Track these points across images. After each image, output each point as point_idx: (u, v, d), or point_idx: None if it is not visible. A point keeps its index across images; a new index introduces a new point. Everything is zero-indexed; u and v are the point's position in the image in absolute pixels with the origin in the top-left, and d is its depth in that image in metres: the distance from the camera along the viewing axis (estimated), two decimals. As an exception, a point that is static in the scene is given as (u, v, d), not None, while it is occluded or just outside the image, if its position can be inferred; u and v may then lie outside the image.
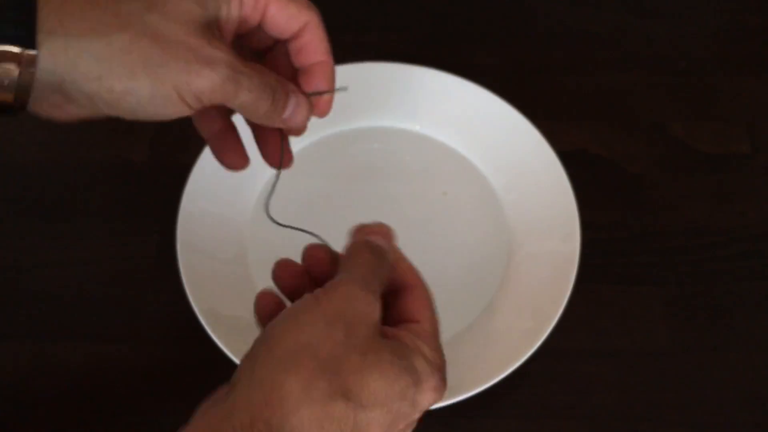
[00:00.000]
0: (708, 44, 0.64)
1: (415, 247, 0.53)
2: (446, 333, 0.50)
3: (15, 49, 0.30)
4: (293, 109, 0.36)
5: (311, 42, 0.37)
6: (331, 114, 0.57)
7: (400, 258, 0.37)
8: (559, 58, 0.63)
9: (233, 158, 0.39)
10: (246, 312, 0.50)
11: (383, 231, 0.36)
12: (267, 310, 0.36)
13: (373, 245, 0.35)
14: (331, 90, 0.38)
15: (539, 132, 0.55)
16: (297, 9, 0.36)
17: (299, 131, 0.38)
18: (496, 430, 0.48)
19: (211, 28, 0.33)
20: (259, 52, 0.39)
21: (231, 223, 0.54)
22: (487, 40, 0.64)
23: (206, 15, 0.33)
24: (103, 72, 0.31)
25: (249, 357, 0.31)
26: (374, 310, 0.31)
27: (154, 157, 0.58)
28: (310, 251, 0.37)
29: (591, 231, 0.52)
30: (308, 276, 0.37)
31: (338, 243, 0.53)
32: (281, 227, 0.40)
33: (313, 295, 0.31)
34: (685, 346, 0.50)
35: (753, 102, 0.61)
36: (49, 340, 0.50)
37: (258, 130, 0.39)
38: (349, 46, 0.63)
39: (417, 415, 0.32)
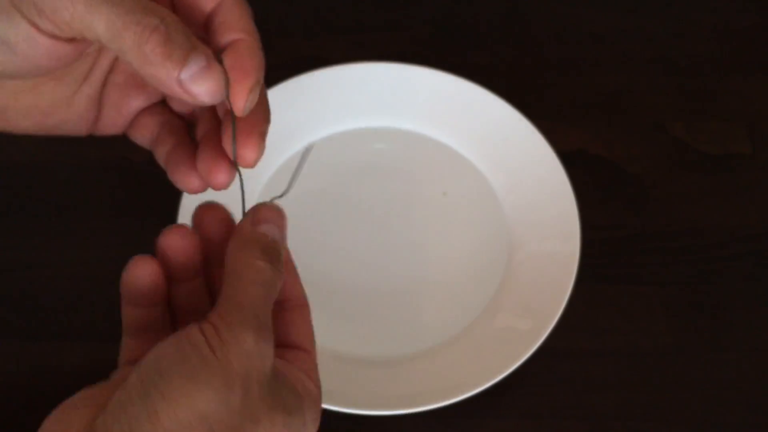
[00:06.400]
0: (708, 44, 0.64)
1: (416, 247, 0.53)
2: (446, 333, 0.50)
3: None
4: (197, 70, 0.26)
5: (229, 18, 0.29)
6: (332, 114, 0.58)
7: (291, 265, 0.32)
8: (559, 58, 0.63)
9: (191, 179, 0.32)
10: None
11: (277, 217, 0.30)
12: (139, 323, 0.30)
13: (266, 245, 0.29)
14: (250, 72, 0.28)
15: (539, 132, 0.55)
16: None
17: (249, 156, 0.30)
18: (496, 430, 0.48)
19: None
20: None
21: (231, 223, 0.54)
22: (487, 40, 0.64)
23: None
24: None
25: (125, 410, 0.25)
26: (269, 360, 0.27)
27: (154, 157, 0.57)
28: (204, 213, 0.32)
29: (591, 231, 0.52)
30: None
31: (336, 242, 0.54)
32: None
33: (205, 343, 0.26)
34: (685, 346, 0.50)
35: (753, 102, 0.61)
36: (49, 340, 0.50)
37: (200, 147, 0.32)
38: (349, 46, 0.63)
39: None
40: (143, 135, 0.33)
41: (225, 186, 0.31)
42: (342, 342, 0.50)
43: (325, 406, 0.45)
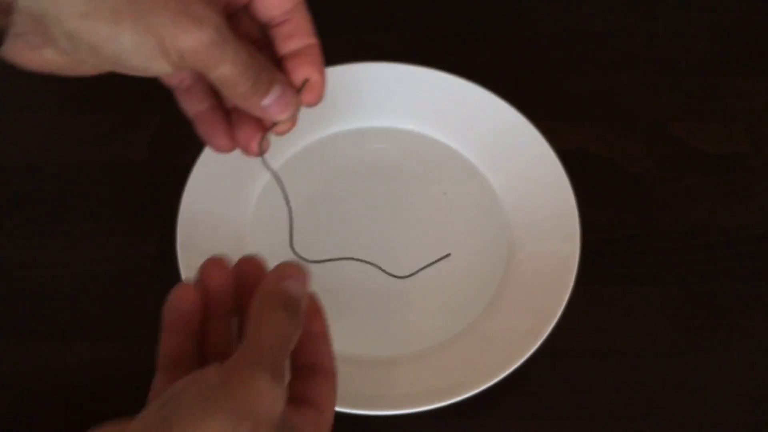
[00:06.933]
0: (708, 44, 0.64)
1: (416, 247, 0.53)
2: (446, 333, 0.50)
3: None
4: (275, 98, 0.34)
5: (300, 25, 0.36)
6: (332, 114, 0.58)
7: (327, 337, 0.35)
8: (559, 58, 0.63)
9: (221, 140, 0.37)
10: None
11: (300, 275, 0.33)
12: (174, 354, 0.33)
13: (287, 298, 0.32)
14: (323, 75, 0.36)
15: (539, 132, 0.55)
16: None
17: (282, 128, 0.36)
18: (497, 430, 0.48)
19: None
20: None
21: (231, 223, 0.54)
22: (487, 40, 0.64)
23: None
24: (88, 9, 0.29)
25: (143, 427, 0.28)
26: (280, 404, 0.29)
27: (154, 157, 0.58)
28: (243, 264, 0.35)
29: (591, 231, 0.52)
30: (235, 283, 0.35)
31: (337, 242, 0.54)
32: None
33: (221, 380, 0.28)
34: (685, 346, 0.50)
35: (753, 102, 0.61)
36: (50, 340, 0.50)
37: (236, 116, 0.37)
38: (349, 46, 0.63)
39: None
40: (171, 78, 0.37)
41: (257, 155, 0.37)
42: (342, 342, 0.50)
43: (325, 406, 0.45)
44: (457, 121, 0.58)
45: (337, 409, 0.45)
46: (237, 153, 0.55)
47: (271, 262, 0.53)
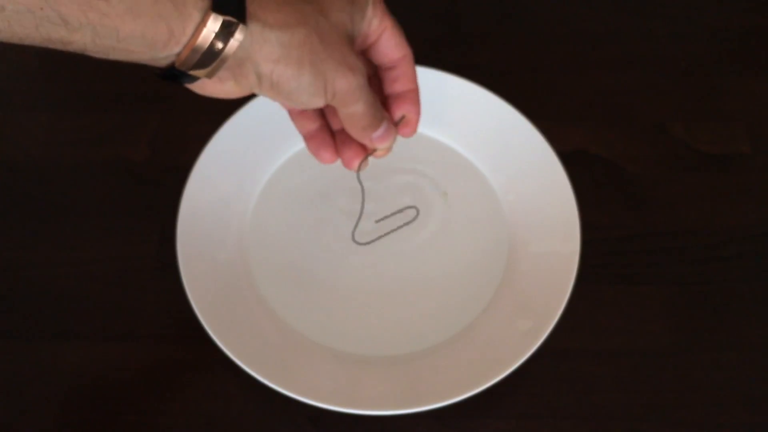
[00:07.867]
0: (708, 44, 0.64)
1: (416, 247, 0.53)
2: (446, 333, 0.50)
3: (234, 20, 0.34)
4: (382, 133, 0.42)
5: (407, 71, 0.43)
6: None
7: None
8: (559, 58, 0.63)
9: (328, 154, 0.44)
10: (246, 312, 0.50)
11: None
12: None
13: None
14: (419, 114, 0.44)
15: (539, 132, 0.55)
16: (402, 39, 0.42)
17: (380, 153, 0.44)
18: (497, 430, 0.48)
19: (351, 41, 0.39)
20: None
21: (231, 224, 0.54)
22: (487, 40, 0.64)
23: (351, 29, 0.39)
24: (282, 56, 0.36)
25: None
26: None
27: (154, 157, 0.58)
28: None
29: (591, 231, 0.52)
30: None
31: (337, 243, 0.54)
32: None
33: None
34: (685, 346, 0.50)
35: (753, 102, 0.61)
36: (49, 340, 0.50)
37: (341, 137, 0.44)
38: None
39: None
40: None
41: (357, 171, 0.44)
42: (342, 342, 0.50)
43: (325, 406, 0.45)
44: (457, 121, 0.58)
45: (338, 409, 0.45)
46: (237, 152, 0.55)
47: (270, 262, 0.53)
